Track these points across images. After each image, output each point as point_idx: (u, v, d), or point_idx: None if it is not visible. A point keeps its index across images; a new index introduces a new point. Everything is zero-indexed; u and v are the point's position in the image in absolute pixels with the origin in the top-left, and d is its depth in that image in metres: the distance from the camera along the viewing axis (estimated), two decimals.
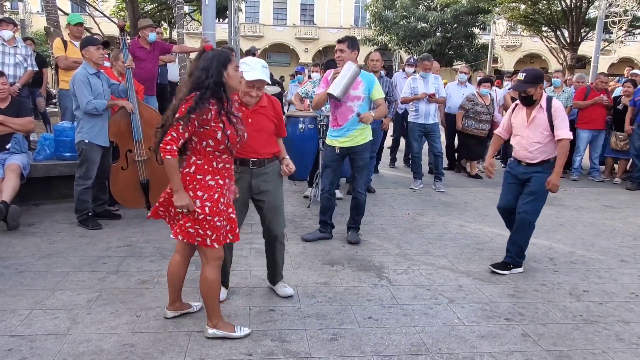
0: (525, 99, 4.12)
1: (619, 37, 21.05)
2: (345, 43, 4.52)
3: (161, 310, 3.31)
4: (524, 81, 4.07)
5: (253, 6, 40.64)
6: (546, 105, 4.07)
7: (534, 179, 4.11)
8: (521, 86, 4.09)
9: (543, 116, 4.06)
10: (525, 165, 4.18)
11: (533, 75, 4.08)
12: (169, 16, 18.08)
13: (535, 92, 4.05)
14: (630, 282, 4.11)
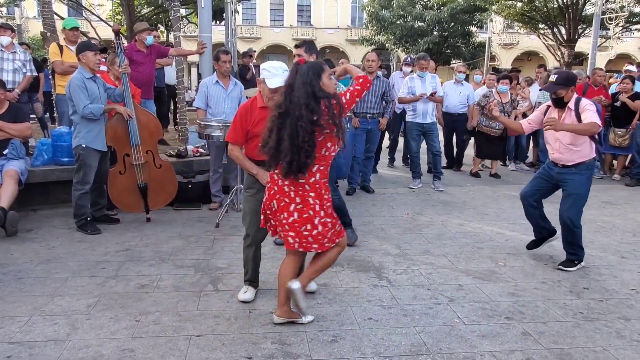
0: (556, 100, 4.11)
1: (615, 33, 21.08)
2: (302, 48, 4.39)
3: (161, 315, 3.30)
4: (555, 82, 4.06)
5: (250, 8, 40.64)
6: (574, 106, 4.05)
7: (570, 182, 4.14)
8: (552, 87, 4.07)
9: (572, 118, 4.03)
10: (560, 167, 4.19)
11: (565, 77, 4.07)
12: (166, 19, 18.08)
13: (567, 94, 4.04)
14: (630, 279, 4.10)
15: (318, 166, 3.00)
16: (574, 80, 4.13)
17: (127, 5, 14.79)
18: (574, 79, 4.16)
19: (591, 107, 3.99)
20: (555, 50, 22.70)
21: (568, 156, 4.11)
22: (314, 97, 2.86)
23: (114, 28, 5.18)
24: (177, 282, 3.84)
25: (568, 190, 4.16)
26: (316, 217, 3.00)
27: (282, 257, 4.40)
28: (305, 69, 2.93)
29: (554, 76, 4.13)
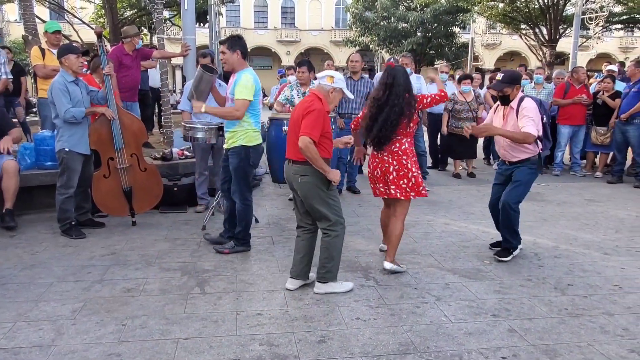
0: (502, 98, 4.32)
1: (596, 33, 21.40)
2: (225, 45, 4.37)
3: (147, 318, 3.28)
4: (502, 81, 4.29)
5: (234, 10, 40.56)
6: (517, 105, 4.21)
7: (516, 172, 4.35)
8: (498, 85, 4.30)
9: (513, 116, 4.22)
10: (508, 164, 4.42)
11: (510, 76, 4.31)
12: (149, 22, 17.97)
13: (512, 92, 4.24)
14: (613, 275, 4.16)
15: (406, 138, 4.08)
16: (518, 79, 4.37)
17: (109, 8, 14.68)
18: (519, 78, 4.40)
19: (529, 113, 4.10)
20: (537, 50, 22.96)
21: (513, 153, 4.30)
22: (408, 92, 4.03)
23: (96, 30, 5.14)
24: (164, 286, 3.82)
25: (513, 178, 4.37)
26: (410, 172, 4.07)
27: (270, 259, 4.41)
28: (401, 72, 4.07)
29: (501, 75, 4.37)
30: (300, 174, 3.61)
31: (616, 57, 36.67)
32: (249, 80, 4.22)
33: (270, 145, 5.93)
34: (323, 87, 3.73)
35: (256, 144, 4.40)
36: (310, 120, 3.53)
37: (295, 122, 3.63)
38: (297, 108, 3.73)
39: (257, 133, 4.40)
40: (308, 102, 3.66)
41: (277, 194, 6.87)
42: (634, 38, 38.24)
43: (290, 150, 3.69)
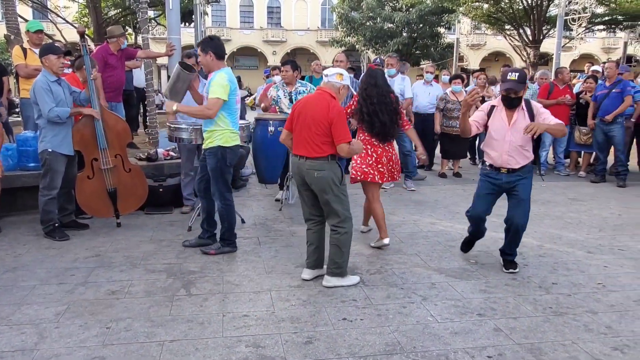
0: (514, 100, 3.91)
1: (578, 34, 21.64)
2: (199, 47, 4.39)
3: (132, 321, 3.25)
4: (518, 81, 3.87)
5: (219, 10, 40.35)
6: (526, 106, 3.96)
7: (520, 186, 3.99)
8: (517, 86, 3.85)
9: (525, 118, 3.90)
10: (506, 173, 4.00)
11: (524, 76, 3.94)
12: (134, 21, 17.81)
13: (523, 93, 3.96)
14: (596, 273, 4.21)
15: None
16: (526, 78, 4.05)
17: (93, 8, 14.52)
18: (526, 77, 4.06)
19: (546, 110, 4.00)
20: (521, 50, 23.18)
21: (519, 159, 3.96)
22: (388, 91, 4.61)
23: (78, 30, 5.07)
24: (149, 287, 3.78)
25: (519, 195, 4.00)
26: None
27: (256, 260, 4.39)
28: (380, 74, 4.66)
29: (514, 74, 3.89)
30: (316, 169, 3.73)
31: (599, 58, 37.19)
32: (223, 79, 4.19)
33: (256, 146, 5.91)
34: (334, 84, 3.85)
35: (233, 145, 4.35)
36: (340, 125, 3.71)
37: (315, 120, 3.71)
38: (312, 106, 3.77)
39: (234, 134, 4.35)
40: (326, 101, 3.76)
41: (264, 195, 6.85)
42: (616, 39, 38.72)
43: (303, 148, 3.77)
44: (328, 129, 3.69)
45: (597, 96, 7.89)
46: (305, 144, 3.76)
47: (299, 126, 3.80)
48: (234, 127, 4.36)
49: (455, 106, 7.98)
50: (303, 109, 3.80)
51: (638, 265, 4.40)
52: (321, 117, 3.69)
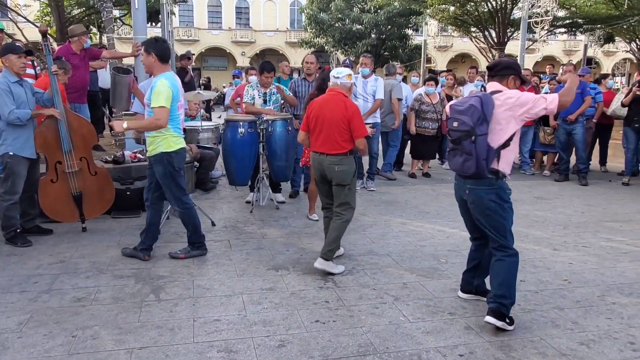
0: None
1: (541, 36, 22.16)
2: (141, 48, 4.34)
3: (99, 329, 3.16)
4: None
5: (187, 10, 39.87)
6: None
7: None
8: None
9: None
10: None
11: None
12: (98, 20, 17.44)
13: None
14: (562, 270, 4.31)
15: None
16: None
17: (56, 6, 14.15)
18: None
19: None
20: (486, 52, 23.61)
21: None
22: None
23: (40, 29, 4.92)
24: (117, 294, 3.69)
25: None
26: None
27: (227, 263, 4.33)
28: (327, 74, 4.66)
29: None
30: (336, 164, 4.11)
31: (560, 60, 38.23)
32: (163, 86, 4.04)
33: (226, 147, 5.84)
34: (344, 84, 4.23)
35: (177, 149, 4.21)
36: (358, 120, 4.11)
37: (334, 120, 4.09)
38: (329, 108, 4.13)
39: (177, 138, 4.21)
40: (342, 101, 4.14)
41: (234, 197, 6.78)
42: (577, 41, 39.88)
43: (323, 145, 4.15)
44: (347, 126, 4.08)
45: None
46: (325, 142, 4.14)
47: (318, 126, 4.17)
48: (175, 132, 4.20)
49: (429, 108, 8.07)
50: (320, 111, 4.16)
51: (601, 262, 4.52)
52: (340, 116, 4.08)
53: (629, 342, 3.12)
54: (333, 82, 4.26)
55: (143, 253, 4.37)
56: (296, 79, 6.96)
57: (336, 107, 4.11)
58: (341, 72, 4.23)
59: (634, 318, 3.44)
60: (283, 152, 5.91)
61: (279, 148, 5.88)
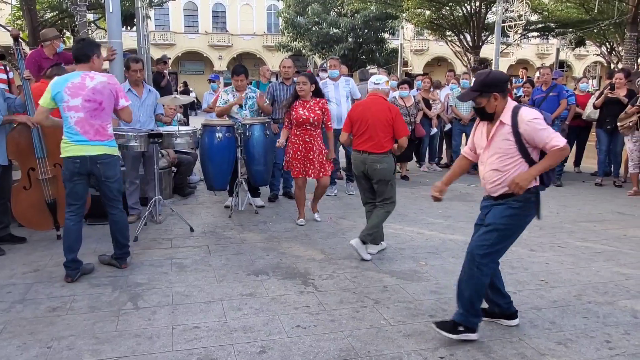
0: (477, 111, 3.08)
1: (515, 40, 22.54)
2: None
3: (75, 339, 3.09)
4: (472, 89, 3.05)
5: (163, 14, 39.48)
6: (511, 120, 2.94)
7: (491, 211, 3.14)
8: (466, 95, 3.09)
9: (505, 136, 2.97)
10: (487, 198, 3.22)
11: (481, 82, 3.00)
12: (72, 24, 17.16)
13: (488, 103, 2.98)
14: (539, 270, 4.37)
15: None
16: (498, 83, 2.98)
17: (28, 10, 13.89)
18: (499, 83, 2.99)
19: (542, 125, 2.89)
20: (462, 56, 23.92)
21: (492, 186, 3.12)
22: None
23: (12, 33, 4.82)
24: (93, 302, 3.62)
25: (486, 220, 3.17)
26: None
27: (206, 269, 4.29)
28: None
29: (473, 79, 3.14)
30: (379, 162, 4.49)
31: (534, 63, 38.91)
32: (48, 86, 3.94)
33: (204, 152, 5.80)
34: (384, 89, 4.65)
35: (66, 156, 3.96)
36: (401, 121, 4.57)
37: (378, 121, 4.48)
38: (374, 111, 4.51)
39: (66, 144, 3.95)
40: (385, 104, 4.58)
41: (212, 202, 6.72)
42: (549, 45, 40.67)
43: (366, 145, 4.52)
44: (390, 127, 4.49)
45: (534, 100, 8.23)
46: (368, 142, 4.51)
47: (362, 127, 4.53)
48: (66, 136, 3.95)
49: (403, 111, 8.12)
50: (363, 114, 4.53)
51: (577, 262, 4.60)
52: (385, 118, 4.48)
53: (605, 340, 3.17)
54: (374, 88, 4.66)
55: (119, 262, 4.29)
56: (274, 83, 6.94)
57: (380, 109, 4.51)
58: (380, 79, 4.66)
59: (609, 317, 3.50)
60: (261, 156, 5.88)
61: (257, 152, 5.85)
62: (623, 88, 7.87)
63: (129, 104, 4.19)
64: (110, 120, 4.10)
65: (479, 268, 3.04)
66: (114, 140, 4.15)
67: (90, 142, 3.95)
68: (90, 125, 3.94)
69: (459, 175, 3.41)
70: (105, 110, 3.99)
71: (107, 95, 3.98)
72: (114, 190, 4.13)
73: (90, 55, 4.02)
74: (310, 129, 5.41)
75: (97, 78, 3.96)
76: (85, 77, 3.94)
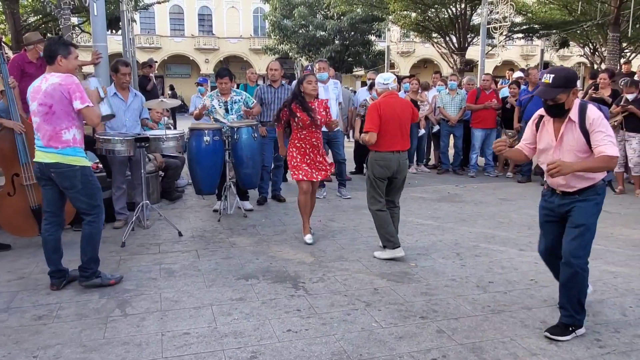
0: (553, 108, 3.11)
1: (500, 41, 22.76)
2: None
3: (62, 347, 3.04)
4: (553, 85, 3.05)
5: (148, 17, 39.26)
6: (578, 116, 3.06)
7: (575, 209, 3.15)
8: (549, 92, 3.06)
9: (575, 132, 3.07)
10: (561, 195, 3.22)
11: (565, 77, 3.06)
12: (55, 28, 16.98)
13: (568, 99, 3.06)
14: (528, 270, 4.39)
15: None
16: (575, 79, 3.12)
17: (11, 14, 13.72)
18: (575, 78, 3.15)
19: (603, 128, 3.00)
20: (448, 57, 24.08)
21: (570, 181, 3.15)
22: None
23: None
24: (80, 310, 3.56)
25: (573, 220, 3.17)
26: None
27: (195, 274, 4.25)
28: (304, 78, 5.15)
29: (549, 76, 3.08)
30: (406, 158, 4.71)
31: (518, 64, 39.23)
32: None
33: (191, 156, 5.74)
34: (394, 87, 4.70)
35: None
36: (416, 109, 4.89)
37: (406, 119, 4.59)
38: (399, 109, 4.57)
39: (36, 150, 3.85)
40: (406, 102, 4.81)
41: (201, 206, 6.67)
42: (534, 46, 41.07)
43: (399, 144, 4.56)
44: (410, 125, 4.67)
45: (521, 100, 8.29)
46: (399, 140, 4.55)
47: (391, 126, 4.49)
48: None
49: None
50: (390, 112, 4.49)
51: None
52: (409, 115, 4.63)
53: (596, 339, 3.18)
54: (384, 88, 4.65)
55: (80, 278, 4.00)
56: (262, 86, 6.91)
57: (404, 108, 4.63)
58: (388, 79, 4.65)
59: (598, 315, 3.52)
60: (249, 159, 5.84)
61: (245, 155, 5.81)
62: (607, 88, 7.95)
63: (85, 106, 3.70)
64: (69, 126, 3.74)
65: (582, 269, 3.15)
66: (74, 148, 3.78)
67: (44, 148, 3.75)
68: (45, 131, 3.72)
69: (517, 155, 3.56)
70: (56, 114, 3.67)
71: (58, 98, 3.65)
72: (76, 202, 3.88)
73: (53, 56, 3.71)
74: (316, 131, 5.14)
75: (50, 80, 3.67)
76: (42, 79, 3.73)
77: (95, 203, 3.92)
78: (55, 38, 3.95)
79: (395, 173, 4.62)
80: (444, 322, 3.39)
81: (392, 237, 4.59)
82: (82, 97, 3.71)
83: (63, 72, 3.73)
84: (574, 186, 3.15)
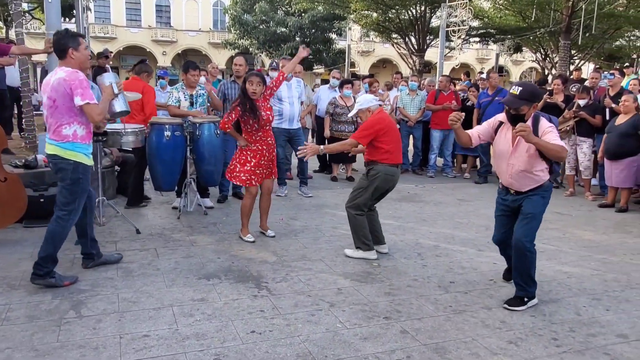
0: (515, 117, 3.50)
1: (458, 44, 23.25)
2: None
3: (12, 351, 2.88)
4: (519, 97, 3.46)
5: (103, 6, 38.11)
6: (532, 125, 3.48)
7: (525, 202, 3.65)
8: (514, 102, 3.47)
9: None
10: (514, 193, 3.71)
11: (531, 92, 3.50)
12: (5, 14, 16.22)
13: (529, 111, 3.49)
14: (487, 270, 4.48)
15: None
16: (539, 96, 3.62)
17: None
18: (539, 96, 3.62)
19: (554, 130, 3.49)
20: (407, 58, 24.45)
21: (523, 183, 3.64)
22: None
23: None
24: (32, 311, 3.39)
25: (524, 209, 3.65)
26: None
27: (155, 274, 4.13)
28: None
29: (517, 88, 3.50)
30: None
31: (474, 67, 40.28)
32: None
33: (151, 151, 5.59)
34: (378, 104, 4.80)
35: None
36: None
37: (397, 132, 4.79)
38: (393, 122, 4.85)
39: None
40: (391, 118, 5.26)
41: (159, 202, 6.49)
42: (489, 50, 42.22)
43: (399, 156, 4.70)
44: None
45: (480, 103, 8.47)
46: (399, 154, 4.70)
47: (395, 139, 4.63)
48: None
49: (344, 111, 8.13)
50: (391, 126, 4.66)
51: None
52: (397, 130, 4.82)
53: (552, 338, 3.28)
54: (375, 105, 4.70)
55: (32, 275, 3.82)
56: (225, 82, 6.80)
57: (393, 122, 4.87)
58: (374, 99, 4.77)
59: (554, 314, 3.63)
60: (211, 156, 5.73)
61: (207, 152, 5.69)
62: (560, 94, 8.22)
63: (85, 102, 3.63)
64: (70, 121, 3.72)
65: (530, 251, 3.62)
66: (73, 143, 3.76)
67: (48, 140, 3.83)
68: (50, 124, 3.79)
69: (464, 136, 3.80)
70: (59, 109, 3.68)
71: (62, 93, 3.64)
72: (59, 193, 3.89)
73: (64, 49, 3.71)
74: (269, 129, 5.10)
75: (58, 74, 3.68)
76: (53, 73, 3.77)
77: (74, 204, 3.88)
78: (63, 31, 3.87)
79: (393, 185, 4.71)
80: (407, 322, 3.42)
81: (369, 240, 4.63)
82: (84, 93, 3.67)
83: (75, 65, 3.75)
84: (525, 187, 3.65)
